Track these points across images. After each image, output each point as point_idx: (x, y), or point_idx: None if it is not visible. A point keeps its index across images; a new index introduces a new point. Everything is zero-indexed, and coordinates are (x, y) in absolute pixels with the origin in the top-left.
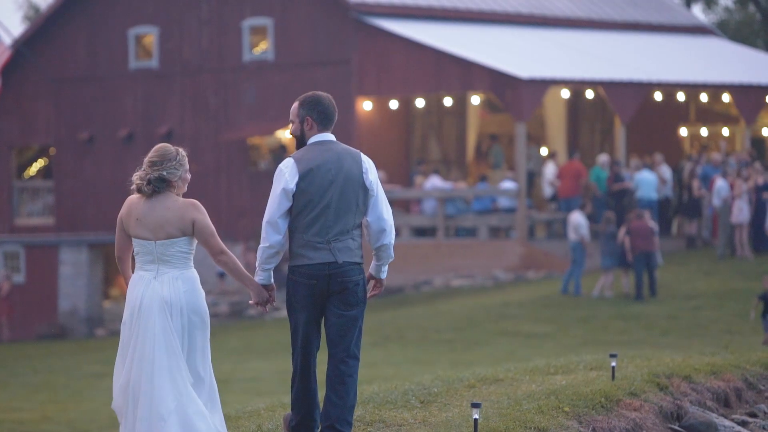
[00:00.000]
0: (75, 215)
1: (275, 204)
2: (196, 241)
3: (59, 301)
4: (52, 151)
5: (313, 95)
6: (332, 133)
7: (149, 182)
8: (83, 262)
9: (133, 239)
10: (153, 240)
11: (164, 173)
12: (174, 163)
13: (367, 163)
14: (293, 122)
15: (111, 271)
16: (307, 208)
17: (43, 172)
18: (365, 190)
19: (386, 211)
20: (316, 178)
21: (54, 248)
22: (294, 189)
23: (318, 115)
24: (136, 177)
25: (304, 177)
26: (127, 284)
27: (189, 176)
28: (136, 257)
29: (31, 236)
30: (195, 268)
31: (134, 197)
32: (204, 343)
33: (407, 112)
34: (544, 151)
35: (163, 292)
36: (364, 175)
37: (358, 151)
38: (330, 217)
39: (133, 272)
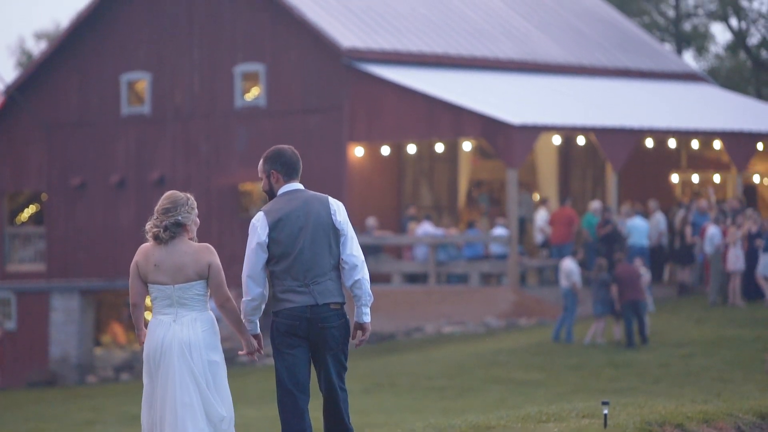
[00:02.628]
0: (66, 261)
1: (252, 258)
2: None
3: (50, 347)
4: (44, 196)
5: (276, 149)
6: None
7: (166, 228)
8: (75, 308)
9: (150, 285)
10: (171, 284)
11: (179, 218)
12: (186, 207)
13: (335, 205)
14: (262, 179)
15: (102, 317)
16: (283, 256)
17: (35, 218)
18: (336, 232)
19: (357, 249)
20: (286, 226)
21: (45, 295)
22: (267, 240)
23: (282, 167)
24: (150, 226)
25: (274, 227)
26: (140, 330)
27: (198, 220)
28: (153, 302)
29: (22, 283)
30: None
31: (148, 245)
32: (224, 381)
33: (399, 158)
34: (536, 197)
35: (183, 335)
36: (333, 217)
37: (325, 195)
38: (306, 261)
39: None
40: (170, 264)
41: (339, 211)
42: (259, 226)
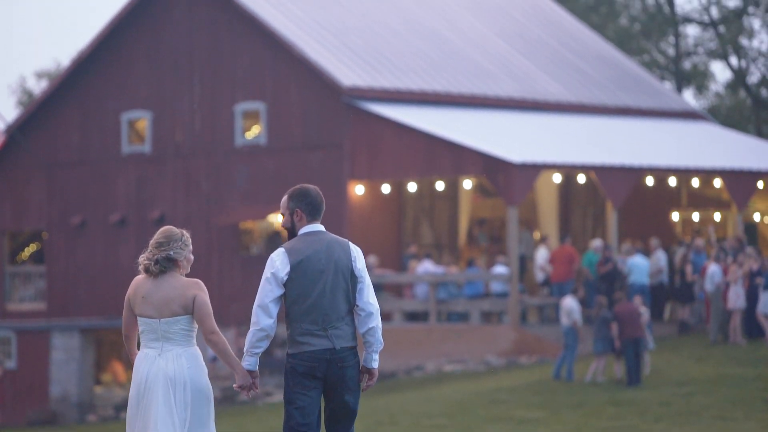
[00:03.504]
0: (67, 300)
1: (266, 289)
2: None
3: (50, 386)
4: (45, 235)
5: (302, 188)
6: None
7: (157, 262)
8: (75, 347)
9: (138, 318)
10: (158, 318)
11: (171, 253)
12: (180, 243)
13: (356, 251)
14: (283, 215)
15: (103, 356)
16: (301, 297)
17: (35, 257)
18: (354, 278)
19: (373, 297)
20: (308, 268)
21: (45, 333)
22: (285, 278)
23: (307, 207)
24: (143, 258)
25: (295, 267)
26: (133, 361)
27: (192, 257)
28: (141, 336)
29: (22, 322)
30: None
31: (140, 277)
32: (208, 418)
33: (399, 196)
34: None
35: (168, 369)
36: (353, 263)
37: (346, 240)
38: (325, 305)
39: (138, 350)
40: (157, 297)
41: (359, 257)
42: (278, 261)
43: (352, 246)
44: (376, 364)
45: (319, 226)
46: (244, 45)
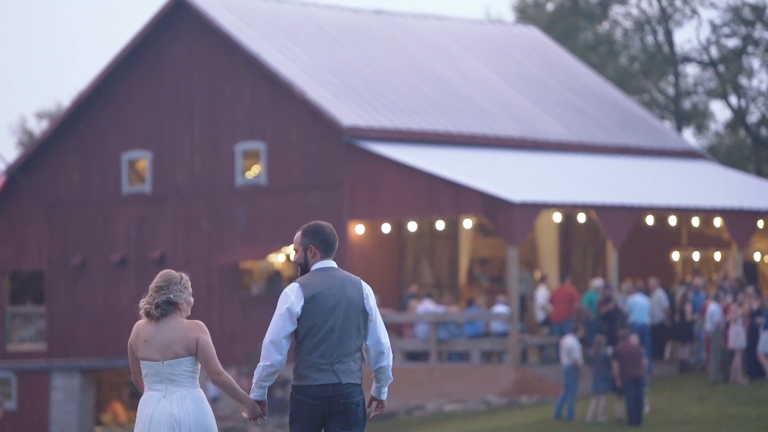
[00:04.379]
0: (67, 340)
1: (279, 324)
2: None
3: (51, 427)
4: (45, 276)
5: (316, 225)
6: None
7: (157, 306)
8: (75, 387)
9: (141, 362)
10: (161, 361)
11: (171, 296)
12: (179, 286)
13: (367, 289)
14: (297, 250)
15: (103, 396)
16: (311, 332)
17: (35, 298)
18: (366, 315)
19: (384, 335)
20: (321, 303)
21: (45, 374)
22: (299, 312)
23: (321, 243)
24: (143, 303)
25: (309, 301)
26: None
27: (192, 300)
28: (144, 379)
29: (22, 362)
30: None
31: (141, 322)
32: None
33: (399, 235)
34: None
35: (173, 410)
36: (365, 301)
37: (358, 278)
38: (334, 340)
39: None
40: (159, 340)
41: (370, 295)
42: (293, 296)
43: (364, 284)
44: (385, 396)
45: (332, 263)
46: (245, 85)
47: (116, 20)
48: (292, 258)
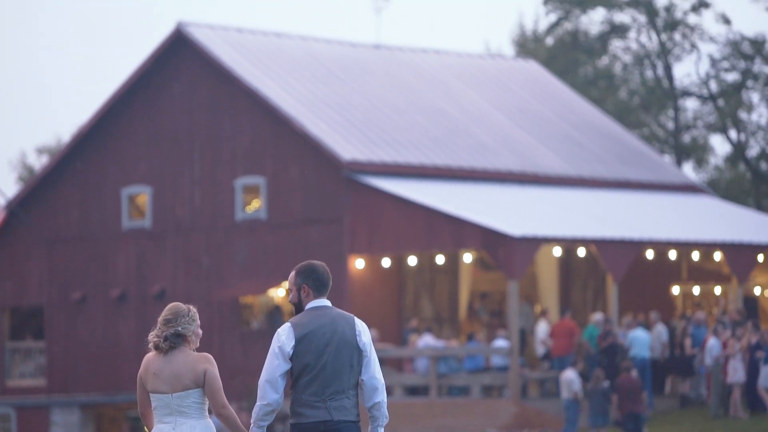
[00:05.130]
0: (67, 376)
1: (273, 364)
2: None
3: None
4: (45, 311)
5: (309, 264)
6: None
7: (166, 338)
8: (75, 423)
9: (150, 394)
10: (170, 393)
11: (179, 329)
12: (187, 318)
13: (360, 326)
14: (291, 290)
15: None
16: (305, 370)
17: (35, 333)
18: (359, 352)
19: (378, 371)
20: (312, 341)
21: (45, 409)
22: (291, 352)
23: (314, 283)
24: (152, 336)
25: (300, 341)
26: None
27: (200, 332)
28: (154, 412)
29: (22, 398)
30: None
31: (150, 355)
32: None
33: (399, 270)
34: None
35: None
36: (358, 338)
37: (351, 315)
38: (326, 377)
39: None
40: (168, 373)
41: (364, 332)
42: (284, 336)
43: (357, 321)
44: None
45: (325, 301)
46: (245, 120)
47: (116, 55)
48: (287, 298)
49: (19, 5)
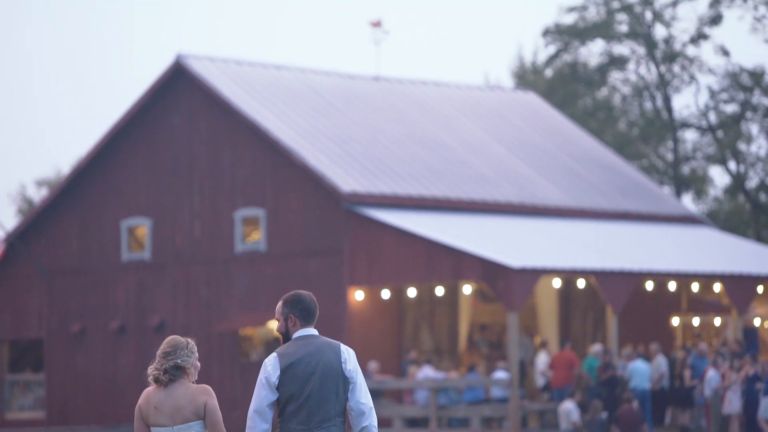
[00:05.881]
0: (66, 408)
1: (261, 395)
2: None
3: None
4: (44, 344)
5: (295, 294)
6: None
7: (166, 371)
8: None
9: (151, 428)
10: (171, 426)
11: (178, 361)
12: (186, 351)
13: (347, 353)
14: (278, 320)
15: None
16: (291, 399)
17: (34, 366)
18: (345, 379)
19: (365, 396)
20: (297, 370)
21: None
22: (277, 382)
23: (300, 312)
24: (151, 369)
25: (285, 371)
26: None
27: (199, 364)
28: None
29: (21, 430)
30: None
31: (150, 388)
32: None
33: (399, 301)
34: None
35: None
36: (343, 365)
37: (337, 342)
38: (312, 406)
39: None
40: (169, 406)
41: (350, 359)
42: (270, 367)
43: (342, 347)
44: None
45: (312, 330)
46: (244, 152)
47: (116, 87)
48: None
49: (19, 37)
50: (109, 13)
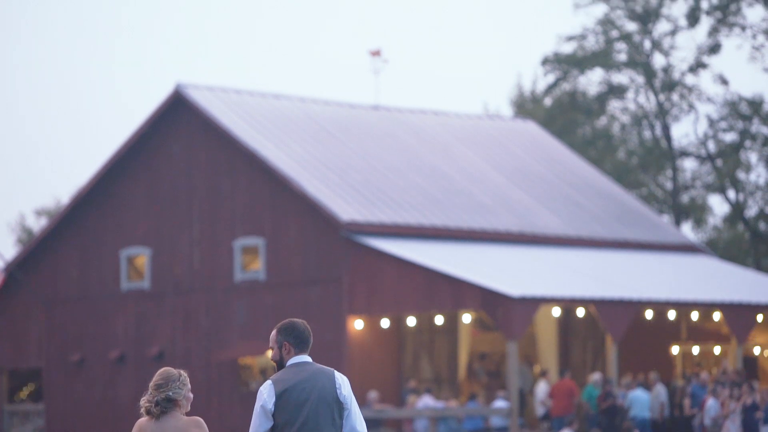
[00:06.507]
0: None
1: (257, 422)
2: None
3: None
4: (44, 373)
5: (289, 322)
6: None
7: (157, 403)
8: None
9: None
10: None
11: (170, 393)
12: (178, 383)
13: (340, 379)
14: (272, 348)
15: None
16: (286, 426)
17: (34, 396)
18: (339, 405)
19: (359, 422)
20: (292, 397)
21: None
22: (273, 409)
23: (294, 340)
24: (143, 401)
25: (280, 397)
26: None
27: (191, 396)
28: None
29: None
30: None
31: (143, 420)
32: None
33: (398, 330)
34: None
35: None
36: (338, 391)
37: (332, 369)
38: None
39: None
40: None
41: (344, 385)
42: (266, 393)
43: (337, 374)
44: None
45: (306, 358)
46: (243, 181)
47: (115, 116)
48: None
49: (18, 66)
50: (109, 42)
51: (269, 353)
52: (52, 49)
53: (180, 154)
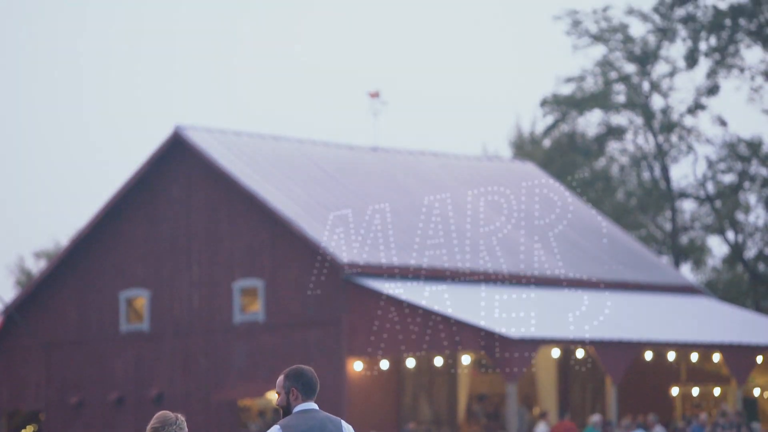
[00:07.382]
0: None
1: None
2: None
3: None
4: (42, 416)
5: (298, 368)
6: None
7: None
8: None
9: None
10: None
11: None
12: (174, 427)
13: (347, 429)
14: (279, 394)
15: None
16: None
17: None
18: None
19: None
20: None
21: None
22: None
23: (302, 386)
24: None
25: None
26: None
27: None
28: None
29: None
30: None
31: None
32: None
33: (398, 372)
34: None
35: None
36: None
37: (338, 418)
38: None
39: None
40: None
41: None
42: None
43: (344, 424)
44: None
45: (313, 405)
46: (243, 222)
47: (115, 159)
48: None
49: (17, 107)
50: (108, 84)
51: (275, 398)
52: (52, 90)
53: (179, 195)
